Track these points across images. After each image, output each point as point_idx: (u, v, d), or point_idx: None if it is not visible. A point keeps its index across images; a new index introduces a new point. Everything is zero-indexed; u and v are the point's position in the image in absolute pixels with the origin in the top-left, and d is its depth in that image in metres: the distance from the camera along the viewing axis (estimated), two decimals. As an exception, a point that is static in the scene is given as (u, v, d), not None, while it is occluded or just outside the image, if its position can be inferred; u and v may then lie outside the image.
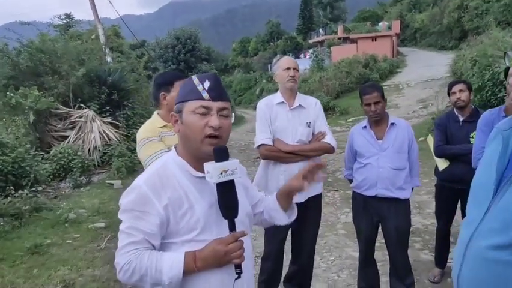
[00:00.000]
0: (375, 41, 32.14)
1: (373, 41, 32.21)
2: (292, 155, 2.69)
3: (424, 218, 4.94)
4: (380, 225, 2.85)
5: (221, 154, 1.25)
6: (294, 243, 3.01)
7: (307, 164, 1.65)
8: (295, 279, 3.05)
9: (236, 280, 1.28)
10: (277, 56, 3.11)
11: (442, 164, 3.26)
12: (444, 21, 31.73)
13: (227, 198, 1.26)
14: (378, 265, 3.08)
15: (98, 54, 11.17)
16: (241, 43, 55.05)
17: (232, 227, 1.28)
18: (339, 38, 36.16)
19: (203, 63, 35.83)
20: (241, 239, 1.28)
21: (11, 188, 5.50)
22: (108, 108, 9.41)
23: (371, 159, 2.73)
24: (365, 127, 2.81)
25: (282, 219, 1.59)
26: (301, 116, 2.79)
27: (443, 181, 3.32)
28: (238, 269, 1.28)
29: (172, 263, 1.23)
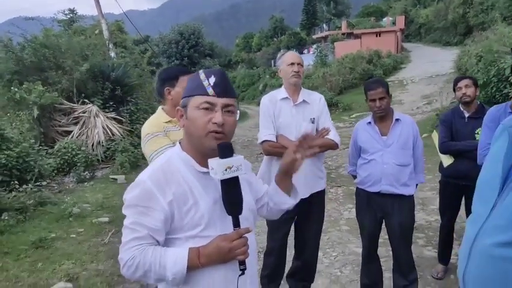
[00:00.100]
0: (379, 36, 31.90)
1: (377, 36, 31.97)
2: None
3: (428, 215, 4.94)
4: (384, 221, 2.84)
5: (225, 150, 1.24)
6: (297, 239, 3.01)
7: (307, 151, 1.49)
8: (298, 275, 3.04)
9: (240, 276, 1.28)
10: (282, 50, 3.08)
11: (447, 160, 3.25)
12: (449, 17, 31.51)
13: (231, 194, 1.25)
14: (382, 261, 3.08)
15: (101, 50, 11.17)
16: (244, 38, 54.82)
17: (236, 224, 1.27)
18: (343, 34, 35.88)
19: (206, 58, 35.86)
20: (245, 235, 1.27)
21: (16, 182, 5.53)
22: (112, 103, 9.45)
23: (376, 155, 2.72)
24: (369, 123, 2.80)
25: (287, 202, 1.56)
26: (305, 112, 2.77)
27: (448, 177, 3.31)
28: (242, 265, 1.28)
29: (176, 259, 1.23)
